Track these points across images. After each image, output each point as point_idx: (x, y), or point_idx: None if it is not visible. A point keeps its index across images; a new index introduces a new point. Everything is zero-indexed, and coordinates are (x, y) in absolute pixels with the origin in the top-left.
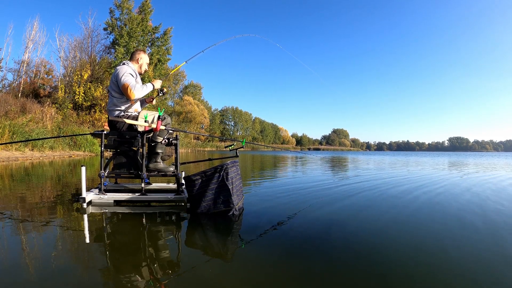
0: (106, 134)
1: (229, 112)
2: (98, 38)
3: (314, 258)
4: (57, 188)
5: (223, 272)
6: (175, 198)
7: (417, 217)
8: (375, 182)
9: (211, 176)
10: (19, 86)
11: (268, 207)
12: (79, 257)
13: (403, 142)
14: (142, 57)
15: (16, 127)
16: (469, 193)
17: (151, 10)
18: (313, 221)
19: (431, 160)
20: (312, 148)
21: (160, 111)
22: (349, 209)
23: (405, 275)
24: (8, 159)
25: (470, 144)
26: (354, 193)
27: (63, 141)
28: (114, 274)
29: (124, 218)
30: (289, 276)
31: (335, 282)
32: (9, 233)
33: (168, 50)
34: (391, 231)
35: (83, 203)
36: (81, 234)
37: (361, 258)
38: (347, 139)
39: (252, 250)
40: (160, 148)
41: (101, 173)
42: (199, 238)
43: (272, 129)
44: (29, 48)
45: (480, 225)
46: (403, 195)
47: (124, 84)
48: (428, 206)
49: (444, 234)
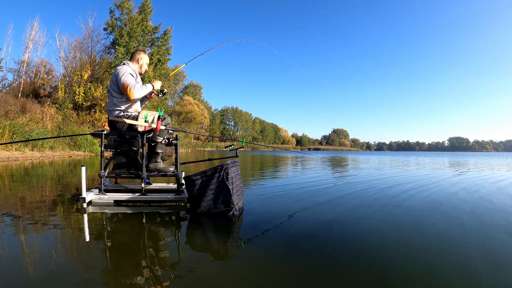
0: (106, 134)
1: (229, 112)
2: (98, 38)
3: (314, 257)
4: (57, 188)
5: (223, 272)
6: (175, 198)
7: (418, 217)
8: (375, 182)
9: (211, 176)
10: (19, 86)
11: (268, 207)
12: (79, 257)
13: (403, 142)
14: (142, 57)
15: (16, 127)
16: (477, 195)
17: (151, 10)
18: (313, 221)
19: (431, 160)
20: (312, 148)
21: (160, 111)
22: (349, 209)
23: (406, 275)
24: (8, 159)
25: (470, 144)
26: (354, 193)
27: (63, 141)
28: (114, 274)
29: (124, 218)
30: (289, 276)
31: (335, 282)
32: (9, 233)
33: (168, 50)
34: (392, 231)
35: (83, 203)
36: (81, 234)
37: (362, 257)
38: (347, 139)
39: (252, 250)
40: (160, 148)
41: (101, 173)
42: (199, 238)
43: (272, 129)
44: (29, 48)
45: (483, 226)
46: (404, 195)
47: (124, 84)
48: (429, 206)
49: (444, 234)
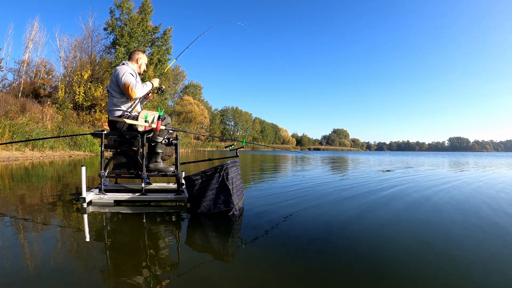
0: (106, 134)
1: (229, 112)
2: (98, 38)
3: (314, 257)
4: (57, 188)
5: (223, 272)
6: (175, 198)
7: (419, 217)
8: (375, 182)
9: (211, 176)
10: (19, 86)
11: (268, 207)
12: (79, 257)
13: (403, 142)
14: (141, 57)
15: (16, 127)
16: (483, 195)
17: (151, 10)
18: (314, 221)
19: (429, 160)
20: (312, 148)
21: (160, 111)
22: (349, 209)
23: (406, 274)
24: (8, 159)
25: (470, 144)
26: (354, 193)
27: (63, 141)
28: (114, 274)
29: (124, 218)
30: (289, 276)
31: (335, 282)
32: (9, 233)
33: (168, 50)
34: (392, 231)
35: (83, 203)
36: (81, 234)
37: (362, 258)
38: (347, 139)
39: (252, 250)
40: (160, 148)
41: (101, 173)
42: (199, 238)
43: (272, 129)
44: (29, 48)
45: (488, 226)
46: (404, 195)
47: (125, 84)
48: (430, 206)
49: (446, 234)
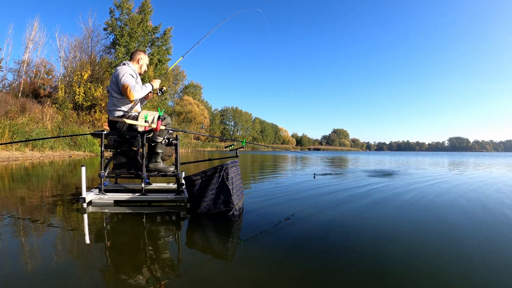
0: (106, 134)
1: (229, 112)
2: (98, 38)
3: (314, 257)
4: (57, 188)
5: (223, 272)
6: (175, 198)
7: (419, 217)
8: (375, 181)
9: (211, 176)
10: (19, 86)
11: (268, 207)
12: (79, 257)
13: (403, 142)
14: (142, 58)
15: (16, 127)
16: (485, 196)
17: (151, 10)
18: (314, 221)
19: (430, 160)
20: (312, 148)
21: (160, 111)
22: (349, 209)
23: (406, 274)
24: (8, 159)
25: (470, 144)
26: (354, 193)
27: (63, 141)
28: (114, 274)
29: (124, 218)
30: (289, 276)
31: (335, 282)
32: (9, 233)
33: (168, 50)
34: (393, 231)
35: (83, 203)
36: (81, 234)
37: (362, 258)
38: (347, 139)
39: (252, 250)
40: (160, 148)
41: (101, 173)
42: (199, 238)
43: (272, 129)
44: (29, 48)
45: (488, 226)
46: (405, 195)
47: (124, 85)
48: (430, 206)
49: (446, 235)
